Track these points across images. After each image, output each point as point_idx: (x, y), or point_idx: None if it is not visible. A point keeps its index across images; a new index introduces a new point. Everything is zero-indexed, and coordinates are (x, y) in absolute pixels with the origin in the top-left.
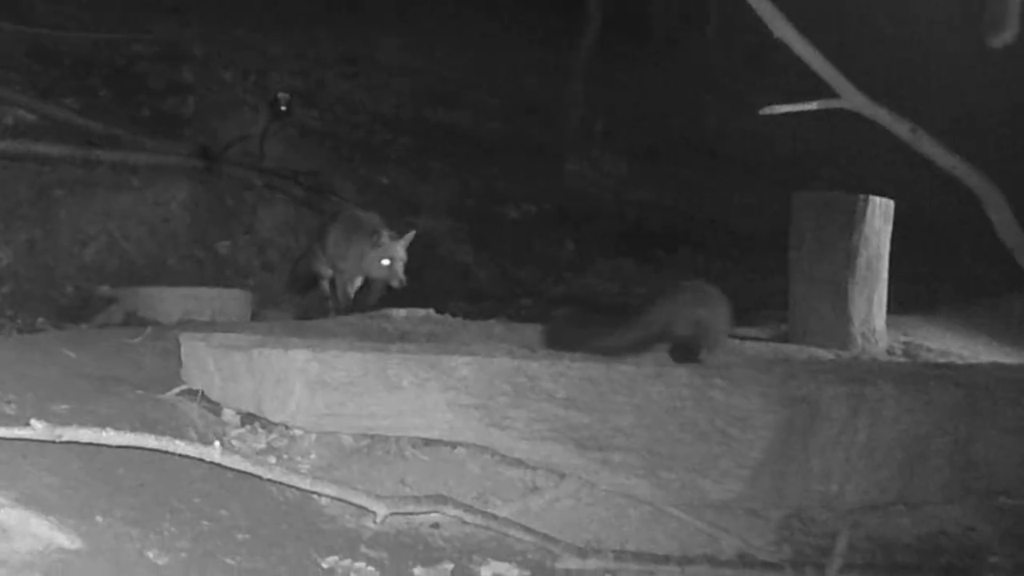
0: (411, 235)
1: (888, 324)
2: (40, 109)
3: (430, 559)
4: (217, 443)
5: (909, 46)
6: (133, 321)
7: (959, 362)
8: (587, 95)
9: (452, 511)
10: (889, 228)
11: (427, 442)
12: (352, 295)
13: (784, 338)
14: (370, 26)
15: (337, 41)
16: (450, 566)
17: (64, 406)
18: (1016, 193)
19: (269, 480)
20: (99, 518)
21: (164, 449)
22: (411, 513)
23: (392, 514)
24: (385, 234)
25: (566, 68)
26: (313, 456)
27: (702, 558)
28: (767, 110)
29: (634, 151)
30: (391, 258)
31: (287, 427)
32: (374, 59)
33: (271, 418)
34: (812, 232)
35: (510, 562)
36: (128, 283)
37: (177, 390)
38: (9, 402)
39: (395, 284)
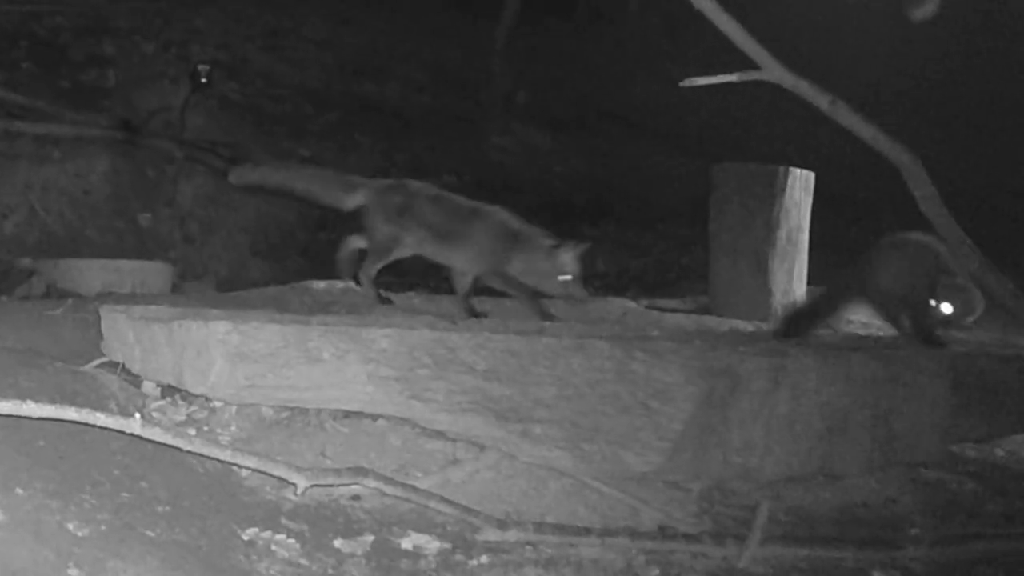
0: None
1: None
2: None
3: (350, 531)
4: (137, 415)
5: (830, 18)
6: (54, 293)
7: (880, 334)
8: (510, 68)
9: (372, 483)
10: (810, 200)
11: (347, 414)
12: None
13: (705, 310)
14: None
15: (261, 14)
16: (370, 538)
17: None
18: (936, 164)
19: (189, 452)
20: (19, 490)
21: (84, 421)
22: (331, 485)
23: (312, 486)
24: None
25: (489, 41)
26: (233, 428)
27: (623, 530)
28: (688, 82)
29: (557, 123)
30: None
31: (207, 399)
32: (299, 33)
33: (191, 390)
34: (733, 204)
35: (430, 534)
36: (49, 255)
37: (97, 362)
38: None
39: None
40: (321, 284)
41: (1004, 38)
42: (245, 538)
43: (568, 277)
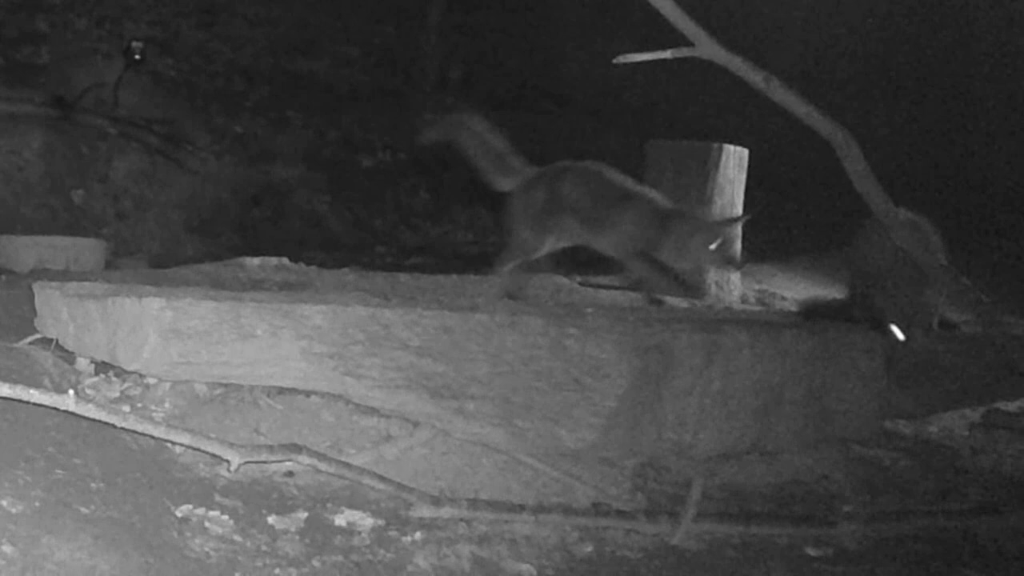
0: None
1: (742, 273)
2: None
3: (284, 508)
4: (71, 392)
5: None
6: None
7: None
8: (443, 44)
9: (306, 460)
10: (743, 176)
11: (281, 391)
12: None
13: (638, 287)
14: None
15: None
16: (304, 515)
17: None
18: (870, 141)
19: (123, 429)
20: None
21: (18, 398)
22: (265, 462)
23: (246, 463)
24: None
25: (423, 17)
26: (167, 405)
27: (556, 507)
28: (622, 59)
29: (490, 100)
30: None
31: (141, 376)
32: (232, 9)
33: (125, 367)
34: (666, 181)
35: (364, 511)
36: None
37: (31, 339)
38: None
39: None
40: (255, 261)
41: (940, 14)
42: (179, 515)
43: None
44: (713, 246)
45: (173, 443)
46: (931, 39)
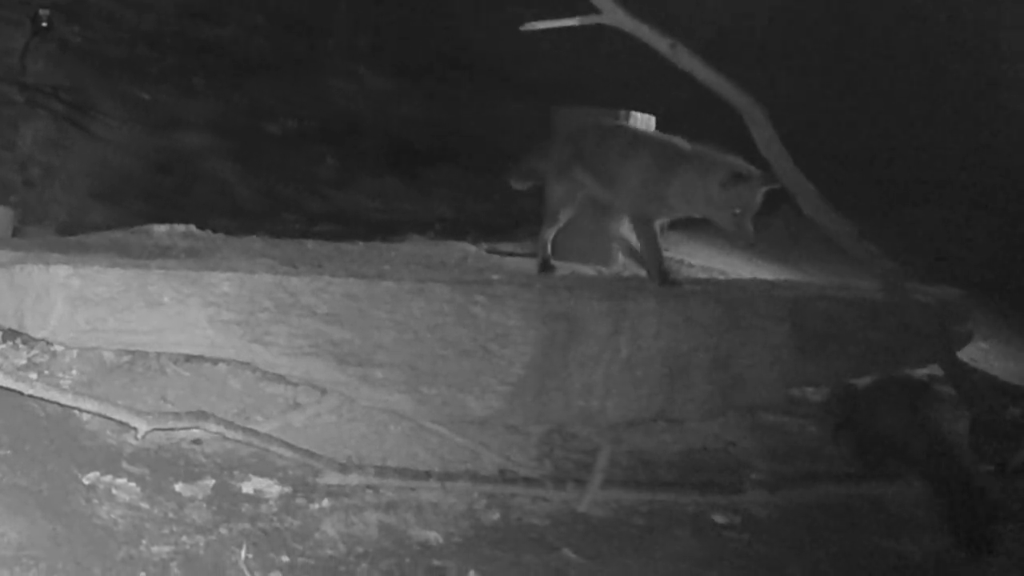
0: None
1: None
2: None
3: (191, 475)
4: None
5: None
6: None
7: (720, 278)
8: (351, 11)
9: (213, 427)
10: None
11: (188, 358)
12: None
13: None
14: None
15: None
16: (211, 482)
17: None
18: (777, 108)
19: (31, 396)
20: None
21: None
22: (172, 429)
23: (153, 430)
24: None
25: None
26: (75, 372)
27: (463, 474)
28: (529, 26)
29: (399, 67)
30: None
31: (48, 343)
32: None
33: (32, 334)
34: None
35: (272, 478)
36: None
37: None
38: None
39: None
40: (162, 228)
41: None
42: (86, 482)
43: (738, 211)
44: (723, 183)
45: (81, 410)
46: (839, 6)
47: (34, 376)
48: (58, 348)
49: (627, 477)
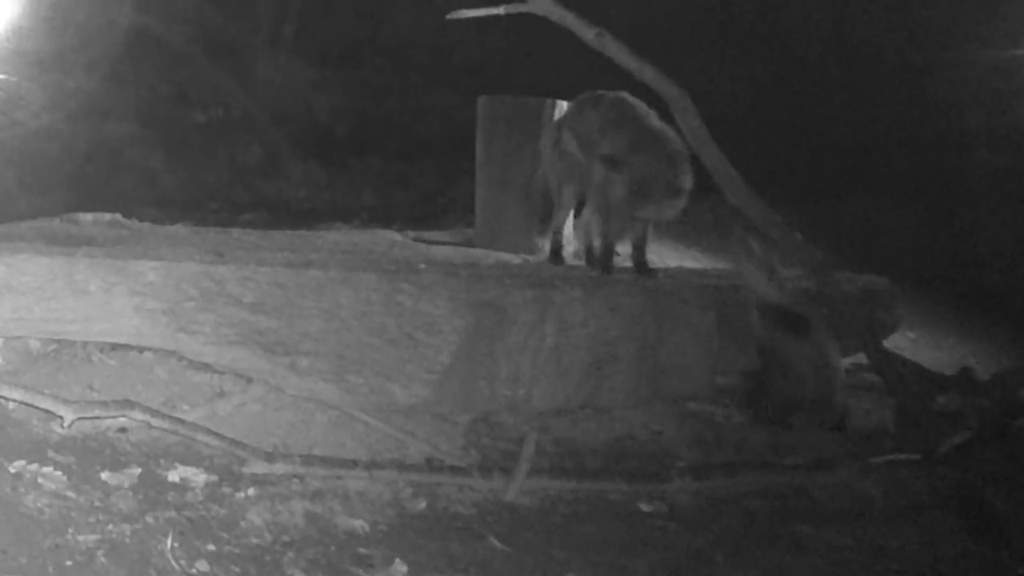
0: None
1: (576, 228)
2: None
3: (117, 464)
4: None
5: None
6: None
7: (652, 267)
8: None
9: (139, 416)
10: None
11: (114, 347)
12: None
13: (471, 243)
14: None
15: None
16: (137, 470)
17: None
18: (705, 98)
19: None
20: None
21: None
22: (98, 418)
23: (79, 419)
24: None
25: None
26: (0, 361)
27: (390, 463)
28: (454, 15)
29: (323, 56)
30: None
31: None
32: None
33: None
34: (499, 137)
35: (197, 467)
36: None
37: None
38: None
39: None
40: (88, 216)
41: None
42: (12, 471)
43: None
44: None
45: (6, 399)
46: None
47: None
48: None
49: (553, 466)
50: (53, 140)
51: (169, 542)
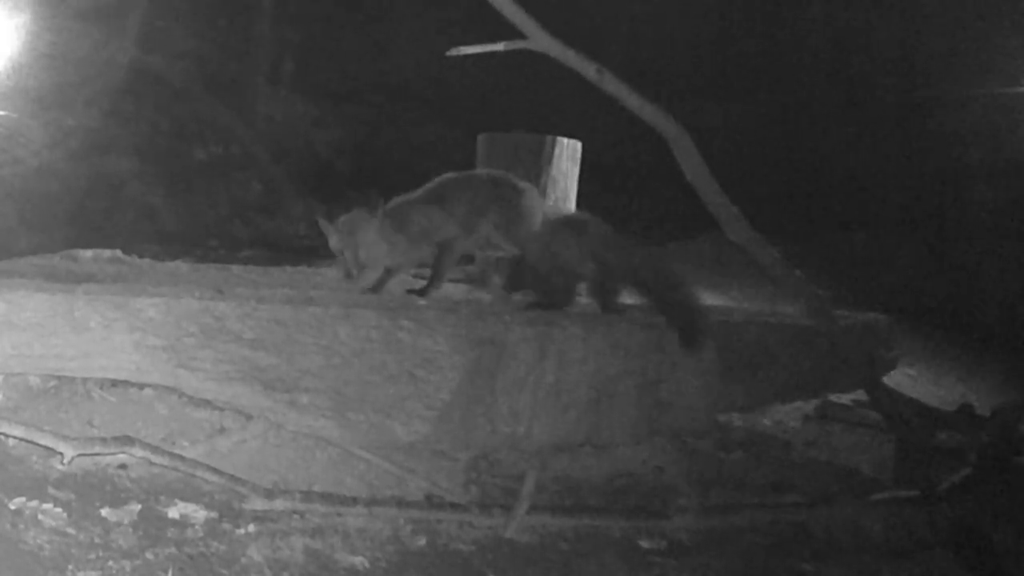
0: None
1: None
2: None
3: (117, 500)
4: None
5: None
6: None
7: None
8: (277, 35)
9: (139, 452)
10: (577, 169)
11: (114, 383)
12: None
13: (471, 279)
14: None
15: None
16: (137, 507)
17: None
18: (703, 134)
19: None
20: None
21: None
22: (98, 454)
23: (79, 455)
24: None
25: (256, 7)
26: (0, 397)
27: (390, 499)
28: (454, 51)
29: (323, 92)
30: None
31: None
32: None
33: None
34: None
35: (197, 503)
36: None
37: None
38: None
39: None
40: (88, 253)
41: (773, 8)
42: (12, 507)
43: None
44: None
45: (6, 435)
46: (765, 33)
47: None
48: None
49: (553, 502)
50: (53, 177)
51: None
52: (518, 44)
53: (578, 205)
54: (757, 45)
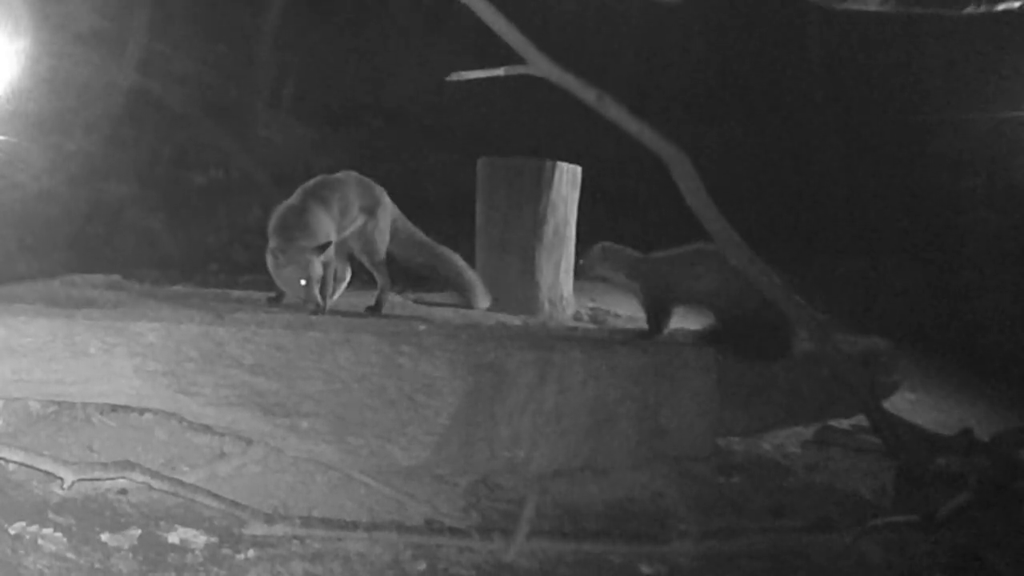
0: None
1: (576, 290)
2: None
3: (117, 525)
4: None
5: (601, 12)
6: None
7: (646, 327)
8: (277, 60)
9: (139, 477)
10: (576, 194)
11: (114, 408)
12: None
13: (471, 304)
14: None
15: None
16: (137, 532)
17: None
18: (703, 158)
19: None
20: None
21: None
22: (98, 479)
23: (79, 480)
24: None
25: (256, 32)
26: (0, 422)
27: (390, 524)
28: (454, 76)
29: (323, 116)
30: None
31: None
32: (68, 28)
33: None
34: (500, 198)
35: (197, 528)
36: None
37: None
38: None
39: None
40: (88, 278)
41: (773, 31)
42: (12, 532)
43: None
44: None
45: (6, 460)
46: (764, 56)
47: None
48: None
49: (553, 527)
50: (53, 202)
51: None
52: (518, 69)
53: (578, 230)
54: (757, 69)
